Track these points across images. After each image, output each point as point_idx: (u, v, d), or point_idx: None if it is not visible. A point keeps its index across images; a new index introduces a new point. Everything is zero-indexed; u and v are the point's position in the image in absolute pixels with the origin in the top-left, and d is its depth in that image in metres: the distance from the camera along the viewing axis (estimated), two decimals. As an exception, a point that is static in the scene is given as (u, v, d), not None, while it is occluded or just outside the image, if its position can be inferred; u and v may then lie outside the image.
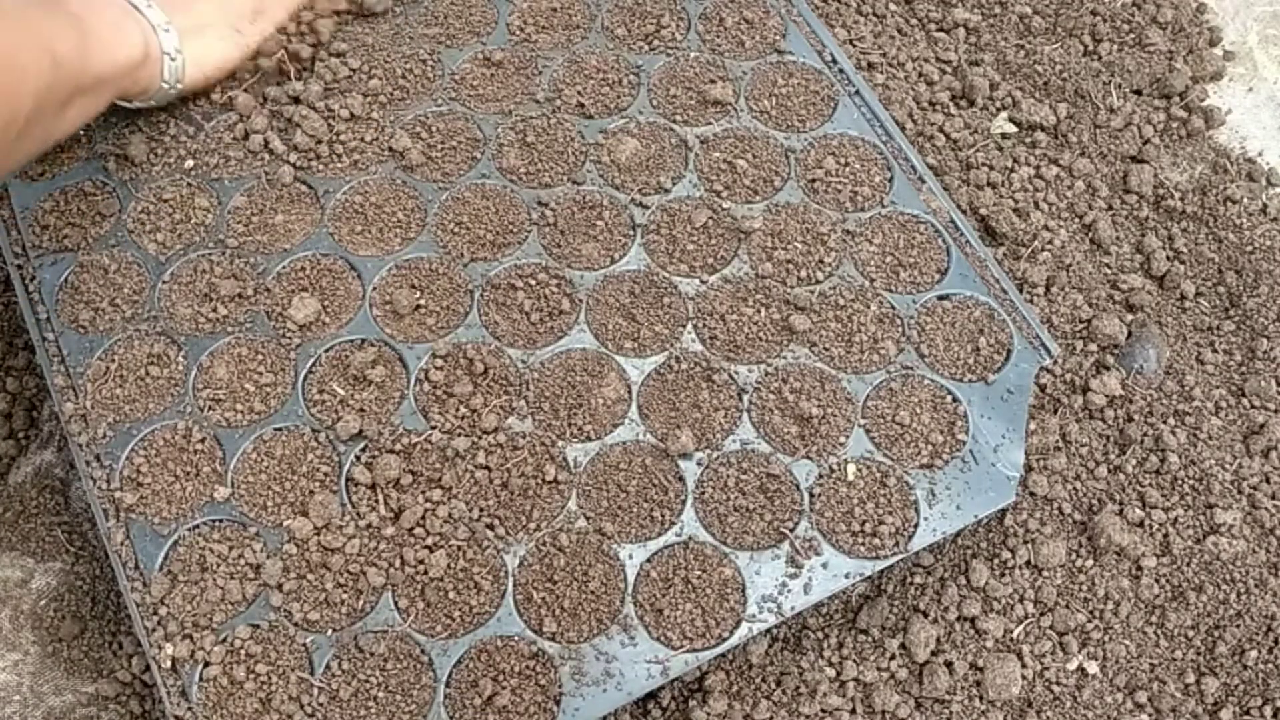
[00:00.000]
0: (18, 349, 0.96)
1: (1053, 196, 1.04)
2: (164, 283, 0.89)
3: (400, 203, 0.93)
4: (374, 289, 0.89)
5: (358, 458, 0.83)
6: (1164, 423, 0.94)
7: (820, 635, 0.86)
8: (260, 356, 0.86)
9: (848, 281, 0.91)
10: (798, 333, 0.88)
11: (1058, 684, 0.85)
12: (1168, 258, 1.03)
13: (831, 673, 0.84)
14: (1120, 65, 1.12)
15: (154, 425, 0.84)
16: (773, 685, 0.83)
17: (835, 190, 0.95)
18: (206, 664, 0.76)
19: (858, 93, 0.99)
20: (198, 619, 0.78)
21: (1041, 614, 0.87)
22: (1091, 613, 0.87)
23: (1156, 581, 0.89)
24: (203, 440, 0.83)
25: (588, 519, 0.81)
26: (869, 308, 0.90)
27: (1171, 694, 0.85)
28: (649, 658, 0.77)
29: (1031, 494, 0.90)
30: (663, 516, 0.81)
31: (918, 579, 0.88)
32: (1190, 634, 0.87)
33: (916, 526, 0.82)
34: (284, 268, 0.90)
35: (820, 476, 0.83)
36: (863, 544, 0.81)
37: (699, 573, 0.80)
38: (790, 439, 0.84)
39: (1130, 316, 1.00)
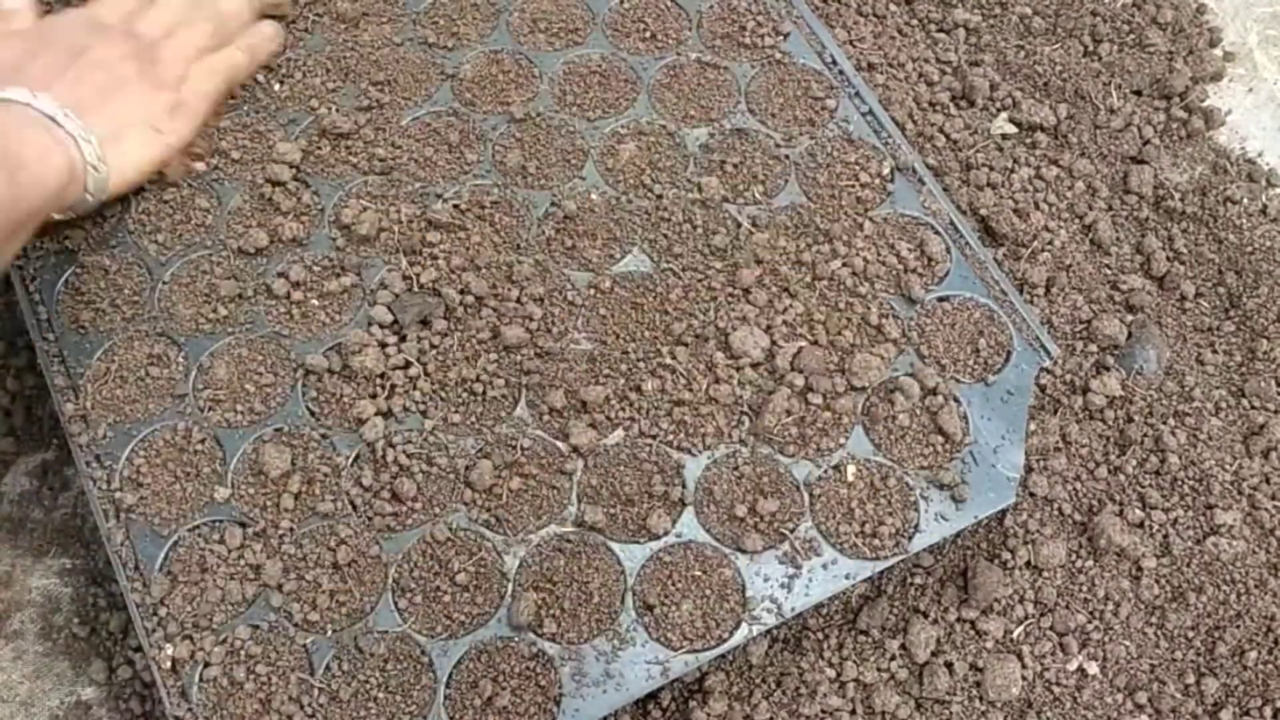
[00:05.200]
0: (19, 348, 0.96)
1: (1053, 197, 1.04)
2: (164, 283, 0.89)
3: None
4: None
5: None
6: (1164, 423, 0.94)
7: (820, 636, 0.86)
8: (260, 357, 0.86)
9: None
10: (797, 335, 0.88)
11: (1058, 685, 0.85)
12: (1168, 258, 1.03)
13: (831, 673, 0.84)
14: (1120, 66, 1.12)
15: (154, 426, 0.84)
16: (773, 686, 0.83)
17: (836, 191, 0.95)
18: (206, 664, 0.76)
19: (857, 93, 0.99)
20: (198, 620, 0.78)
21: (1041, 615, 0.87)
22: (1091, 613, 0.87)
23: (1156, 582, 0.89)
24: (203, 441, 0.83)
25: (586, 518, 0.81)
26: (869, 309, 0.90)
27: (1171, 694, 0.85)
28: (649, 658, 0.77)
29: (1031, 494, 0.90)
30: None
31: (918, 579, 0.88)
32: (1190, 634, 0.87)
33: (916, 527, 0.82)
34: None
35: (820, 477, 0.83)
36: (863, 545, 0.81)
37: (699, 573, 0.80)
38: (789, 440, 0.84)
39: (1130, 317, 1.00)
